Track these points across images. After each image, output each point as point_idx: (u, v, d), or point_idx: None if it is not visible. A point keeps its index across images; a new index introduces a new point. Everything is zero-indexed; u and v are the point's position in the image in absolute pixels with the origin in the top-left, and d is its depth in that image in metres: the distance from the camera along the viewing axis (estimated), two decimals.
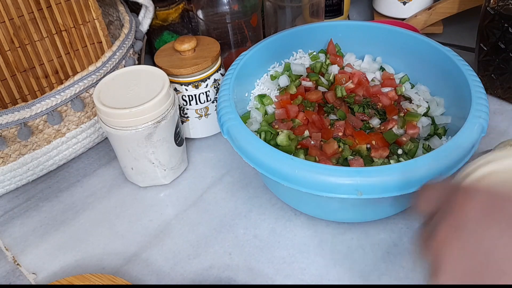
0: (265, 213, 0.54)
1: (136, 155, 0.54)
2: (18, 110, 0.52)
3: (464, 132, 0.46)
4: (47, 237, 0.54)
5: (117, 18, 0.69)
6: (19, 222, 0.56)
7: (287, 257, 0.50)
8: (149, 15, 0.67)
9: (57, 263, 0.51)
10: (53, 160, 0.59)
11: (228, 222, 0.54)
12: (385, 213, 0.51)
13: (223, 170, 0.60)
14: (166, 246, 0.52)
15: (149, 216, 0.55)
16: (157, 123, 0.52)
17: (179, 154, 0.58)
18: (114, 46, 0.59)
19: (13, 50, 0.55)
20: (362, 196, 0.43)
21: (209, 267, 0.50)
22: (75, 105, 0.56)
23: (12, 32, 0.54)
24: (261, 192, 0.57)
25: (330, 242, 0.51)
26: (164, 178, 0.58)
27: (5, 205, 0.58)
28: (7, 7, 0.52)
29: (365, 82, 0.60)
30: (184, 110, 0.61)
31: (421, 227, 0.33)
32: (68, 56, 0.60)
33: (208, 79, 0.59)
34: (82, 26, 0.58)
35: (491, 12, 0.60)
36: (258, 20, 0.69)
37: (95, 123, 0.60)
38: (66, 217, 0.56)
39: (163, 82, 0.53)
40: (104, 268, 0.50)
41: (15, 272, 0.51)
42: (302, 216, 0.53)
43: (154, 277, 0.49)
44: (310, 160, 0.49)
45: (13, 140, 0.54)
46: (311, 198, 0.46)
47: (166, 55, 0.59)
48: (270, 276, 0.48)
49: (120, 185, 0.60)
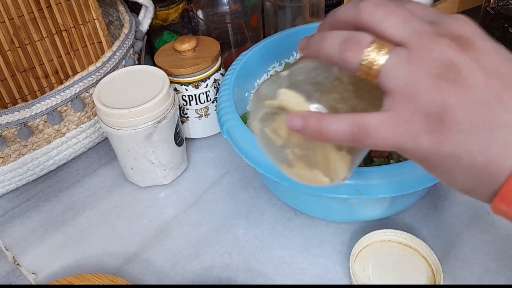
0: (265, 213, 0.54)
1: (136, 155, 0.54)
2: (18, 110, 0.52)
3: None
4: (47, 237, 0.54)
5: (117, 18, 0.69)
6: (19, 222, 0.56)
7: (287, 257, 0.50)
8: (149, 15, 0.67)
9: (57, 263, 0.51)
10: (53, 160, 0.59)
11: (228, 222, 0.54)
12: (385, 213, 0.51)
13: (223, 170, 0.60)
14: (166, 246, 0.52)
15: (149, 216, 0.55)
16: (157, 123, 0.52)
17: (179, 154, 0.58)
18: (114, 46, 0.59)
19: (13, 50, 0.55)
20: (362, 196, 0.43)
21: (209, 267, 0.50)
22: (75, 105, 0.56)
23: (12, 32, 0.54)
24: (261, 192, 0.57)
25: (330, 242, 0.51)
26: (164, 178, 0.58)
27: (5, 205, 0.58)
28: (7, 7, 0.52)
29: None
30: (184, 110, 0.61)
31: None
32: (68, 56, 0.60)
33: (208, 79, 0.59)
34: (82, 26, 0.58)
35: (491, 12, 0.60)
36: (258, 20, 0.69)
37: (95, 123, 0.60)
38: (66, 217, 0.56)
39: (163, 82, 0.53)
40: (104, 268, 0.50)
41: (15, 272, 0.51)
42: (302, 216, 0.53)
43: (154, 277, 0.49)
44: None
45: (13, 140, 0.54)
46: (311, 198, 0.46)
47: (166, 55, 0.59)
48: (270, 276, 0.48)
49: (120, 185, 0.60)
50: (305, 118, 0.31)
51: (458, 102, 0.27)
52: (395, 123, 0.28)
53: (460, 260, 0.48)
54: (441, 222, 0.52)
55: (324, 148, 0.33)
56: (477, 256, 0.48)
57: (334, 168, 0.34)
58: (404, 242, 0.48)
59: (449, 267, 0.47)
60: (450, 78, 0.27)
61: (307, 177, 0.36)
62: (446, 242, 0.49)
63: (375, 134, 0.29)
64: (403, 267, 0.46)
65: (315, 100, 0.31)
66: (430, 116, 0.27)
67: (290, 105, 0.32)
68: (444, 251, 0.49)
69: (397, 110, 0.28)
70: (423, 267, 0.46)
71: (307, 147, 0.34)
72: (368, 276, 0.46)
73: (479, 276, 0.46)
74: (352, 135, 0.29)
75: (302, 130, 0.31)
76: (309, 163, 0.35)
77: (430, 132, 0.28)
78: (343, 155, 0.33)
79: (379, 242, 0.48)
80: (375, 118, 0.29)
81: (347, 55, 0.29)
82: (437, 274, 0.44)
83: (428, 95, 0.27)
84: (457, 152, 0.27)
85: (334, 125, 0.30)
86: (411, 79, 0.28)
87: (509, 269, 0.47)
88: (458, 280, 0.46)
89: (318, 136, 0.30)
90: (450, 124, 0.27)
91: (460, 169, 0.28)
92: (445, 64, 0.27)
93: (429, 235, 0.50)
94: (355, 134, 0.29)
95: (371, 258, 0.47)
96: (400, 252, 0.47)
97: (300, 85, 0.33)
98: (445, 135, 0.27)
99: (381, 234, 0.48)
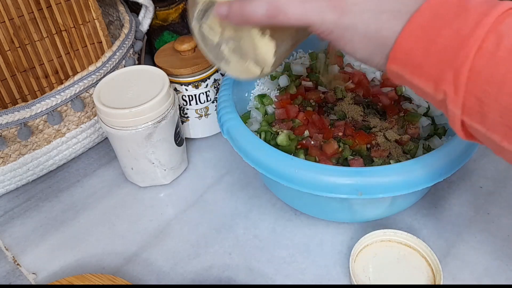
0: (265, 213, 0.54)
1: (136, 155, 0.54)
2: (18, 110, 0.52)
3: None
4: (47, 237, 0.54)
5: (117, 18, 0.69)
6: (19, 222, 0.56)
7: (287, 257, 0.50)
8: (149, 15, 0.67)
9: (57, 263, 0.51)
10: (53, 160, 0.59)
11: (228, 222, 0.54)
12: (385, 213, 0.51)
13: (223, 170, 0.60)
14: (166, 246, 0.52)
15: (149, 216, 0.55)
16: (157, 123, 0.52)
17: (179, 154, 0.58)
18: (114, 46, 0.59)
19: (13, 50, 0.55)
20: (362, 196, 0.43)
21: (209, 267, 0.50)
22: (75, 105, 0.56)
23: (12, 32, 0.54)
24: (261, 192, 0.57)
25: (330, 242, 0.51)
26: (164, 178, 0.58)
27: (5, 205, 0.58)
28: (7, 7, 0.52)
29: (365, 82, 0.60)
30: (184, 110, 0.61)
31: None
32: (68, 56, 0.60)
33: (208, 79, 0.59)
34: (82, 26, 0.58)
35: None
36: None
37: (95, 123, 0.60)
38: (66, 217, 0.56)
39: (163, 82, 0.53)
40: (104, 268, 0.50)
41: (15, 272, 0.51)
42: (302, 216, 0.53)
43: (154, 277, 0.49)
44: (310, 160, 0.49)
45: (13, 140, 0.54)
46: (311, 198, 0.46)
47: (166, 55, 0.59)
48: (270, 276, 0.48)
49: (120, 185, 0.60)
50: (229, 4, 0.37)
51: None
52: (303, 0, 0.34)
53: (460, 260, 0.48)
54: (441, 222, 0.52)
55: (250, 36, 0.39)
56: (477, 256, 0.48)
57: (262, 55, 0.40)
58: (404, 242, 0.48)
59: (449, 267, 0.47)
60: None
61: (242, 69, 0.43)
62: (446, 242, 0.49)
63: (287, 10, 0.34)
64: (403, 267, 0.46)
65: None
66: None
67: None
68: (444, 251, 0.49)
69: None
70: (423, 267, 0.46)
71: (238, 37, 0.40)
72: (368, 276, 0.46)
73: (479, 276, 0.46)
74: (267, 12, 0.35)
75: (227, 16, 0.37)
76: (241, 55, 0.41)
77: (333, 7, 0.33)
78: (267, 41, 0.39)
79: (379, 242, 0.48)
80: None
81: None
82: (437, 274, 0.44)
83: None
84: (353, 23, 0.33)
85: (253, 7, 0.35)
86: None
87: (509, 269, 0.47)
88: (458, 280, 0.46)
89: (241, 18, 0.36)
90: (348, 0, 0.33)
91: (358, 38, 0.34)
92: None
93: (429, 235, 0.50)
94: (270, 11, 0.35)
95: (371, 258, 0.47)
96: (400, 252, 0.47)
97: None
98: (344, 8, 0.33)
99: (381, 234, 0.48)
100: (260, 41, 0.39)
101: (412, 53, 0.31)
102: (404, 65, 0.32)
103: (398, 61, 0.32)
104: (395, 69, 0.33)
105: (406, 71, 0.32)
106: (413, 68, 0.32)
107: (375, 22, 0.33)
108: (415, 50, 0.31)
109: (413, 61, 0.31)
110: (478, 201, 0.53)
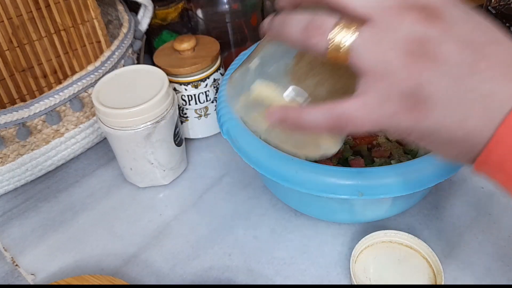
0: (265, 214, 0.54)
1: (135, 156, 0.54)
2: (17, 110, 0.52)
3: None
4: (45, 237, 0.54)
5: (116, 18, 0.68)
6: (17, 223, 0.56)
7: (287, 258, 0.49)
8: (148, 14, 0.67)
9: (55, 264, 0.51)
10: (52, 161, 0.59)
11: (227, 223, 0.54)
12: (386, 214, 0.51)
13: (223, 170, 0.60)
14: (165, 247, 0.52)
15: (148, 217, 0.55)
16: (156, 123, 0.52)
17: (179, 154, 0.58)
18: (113, 45, 0.59)
19: (12, 50, 0.55)
20: (363, 197, 0.43)
21: (209, 268, 0.49)
22: (73, 105, 0.56)
23: (11, 31, 0.54)
24: (261, 192, 0.56)
25: (330, 243, 0.50)
26: (163, 178, 0.58)
27: (4, 206, 0.58)
28: (5, 6, 0.52)
29: None
30: (183, 110, 0.61)
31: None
32: (67, 56, 0.59)
33: (207, 78, 0.59)
34: (81, 25, 0.58)
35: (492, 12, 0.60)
36: (258, 20, 0.69)
37: (94, 123, 0.60)
38: (65, 217, 0.56)
39: (162, 81, 0.53)
40: (103, 269, 0.50)
41: (13, 273, 0.51)
42: (302, 217, 0.53)
43: (153, 278, 0.49)
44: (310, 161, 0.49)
45: (12, 140, 0.53)
46: (312, 198, 0.46)
47: (166, 55, 0.59)
48: (270, 277, 0.48)
49: (119, 185, 0.59)
50: (284, 112, 0.30)
51: (431, 78, 0.26)
52: (372, 107, 0.28)
53: (461, 261, 0.48)
54: (442, 223, 0.51)
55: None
56: (478, 257, 0.48)
57: (325, 149, 0.35)
58: (405, 243, 0.47)
59: (450, 268, 0.47)
60: (421, 53, 0.26)
61: (297, 155, 0.37)
62: (447, 243, 0.49)
63: (355, 121, 0.29)
64: (404, 268, 0.46)
65: (292, 90, 0.31)
66: (405, 95, 0.27)
67: (267, 98, 0.31)
68: (445, 252, 0.48)
69: (372, 91, 0.28)
70: (424, 268, 0.46)
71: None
72: (368, 277, 0.45)
73: (480, 277, 0.46)
74: (333, 125, 0.29)
75: (282, 123, 0.31)
76: (296, 144, 0.36)
77: (408, 110, 0.27)
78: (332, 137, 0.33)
79: (380, 243, 0.48)
80: (352, 105, 0.29)
81: (312, 42, 0.29)
82: (438, 275, 0.44)
83: (401, 73, 0.27)
84: (436, 128, 0.28)
85: (313, 117, 0.30)
86: (381, 59, 0.27)
87: (511, 269, 0.47)
88: (459, 280, 0.46)
89: (299, 128, 0.30)
90: (426, 101, 0.27)
91: (442, 142, 0.29)
92: (414, 40, 0.27)
93: (430, 236, 0.50)
94: (335, 124, 0.29)
95: (372, 259, 0.47)
96: (401, 253, 0.47)
97: (274, 75, 0.32)
98: (423, 112, 0.27)
99: (382, 235, 0.47)
100: (324, 138, 0.34)
101: (507, 160, 0.27)
102: (496, 172, 0.28)
103: (487, 166, 0.28)
104: (484, 171, 0.29)
105: (499, 177, 0.28)
106: (508, 177, 0.27)
107: (461, 128, 0.27)
108: (509, 156, 0.26)
109: (506, 170, 0.27)
110: (480, 202, 0.53)
